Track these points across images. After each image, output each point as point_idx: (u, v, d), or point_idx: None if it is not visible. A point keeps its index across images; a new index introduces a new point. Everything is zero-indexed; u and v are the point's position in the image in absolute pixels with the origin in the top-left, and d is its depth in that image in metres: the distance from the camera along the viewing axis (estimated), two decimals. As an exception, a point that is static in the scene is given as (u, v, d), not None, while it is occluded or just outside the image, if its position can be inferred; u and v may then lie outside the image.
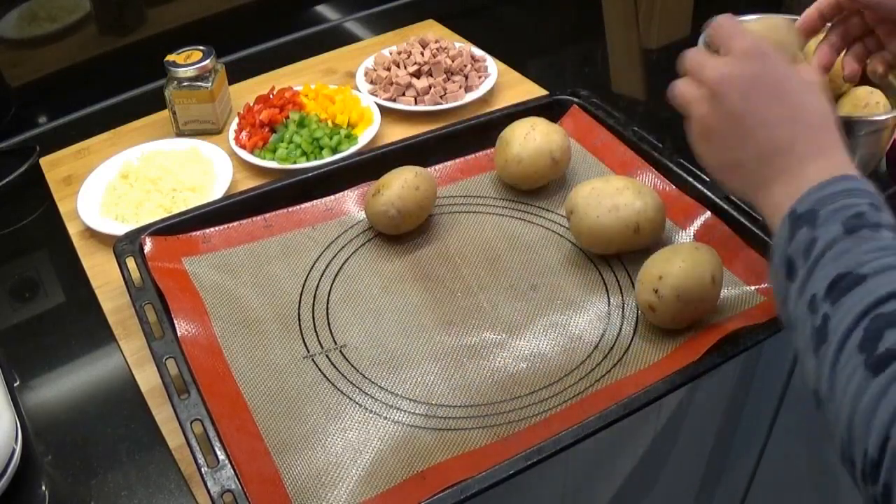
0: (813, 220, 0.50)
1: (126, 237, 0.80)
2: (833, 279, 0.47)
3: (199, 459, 0.61)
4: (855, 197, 0.51)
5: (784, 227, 0.52)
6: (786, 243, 0.51)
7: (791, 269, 0.51)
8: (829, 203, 0.50)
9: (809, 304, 0.48)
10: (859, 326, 0.45)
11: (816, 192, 0.51)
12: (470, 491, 0.59)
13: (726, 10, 0.98)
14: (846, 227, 0.49)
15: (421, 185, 0.83)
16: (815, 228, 0.50)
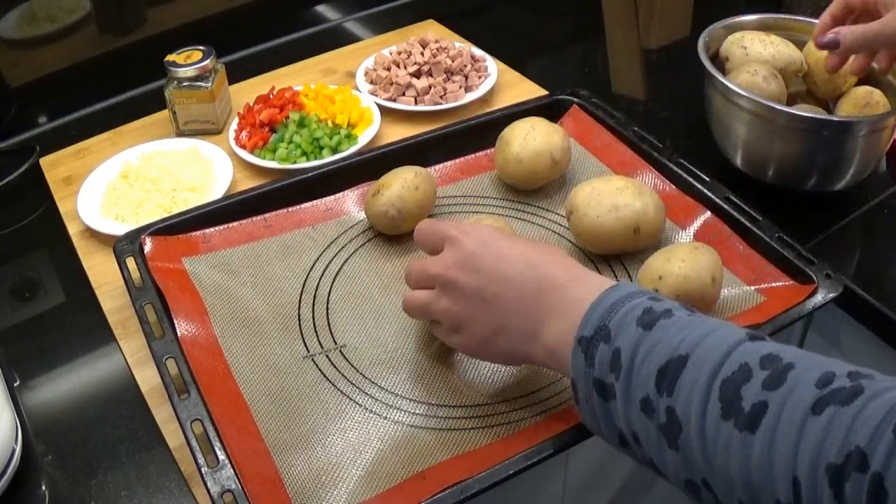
0: (606, 335, 0.51)
1: (126, 237, 0.80)
2: (658, 374, 0.48)
3: (199, 459, 0.61)
4: (633, 299, 0.52)
5: (577, 355, 0.52)
6: (587, 369, 0.52)
7: (603, 389, 0.51)
8: (612, 314, 0.51)
9: (643, 408, 0.48)
10: (711, 399, 0.45)
11: (596, 310, 0.52)
12: (470, 491, 0.59)
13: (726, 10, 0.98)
14: (643, 326, 0.50)
15: (421, 185, 0.83)
16: (611, 341, 0.50)
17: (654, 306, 0.51)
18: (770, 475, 0.42)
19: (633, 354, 0.49)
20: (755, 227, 0.79)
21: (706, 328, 0.49)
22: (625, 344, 0.50)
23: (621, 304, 0.52)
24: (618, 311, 0.51)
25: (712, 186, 0.84)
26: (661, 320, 0.50)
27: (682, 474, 0.48)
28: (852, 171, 0.87)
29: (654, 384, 0.48)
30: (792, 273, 0.75)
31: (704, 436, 0.45)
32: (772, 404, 0.43)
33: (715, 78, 0.87)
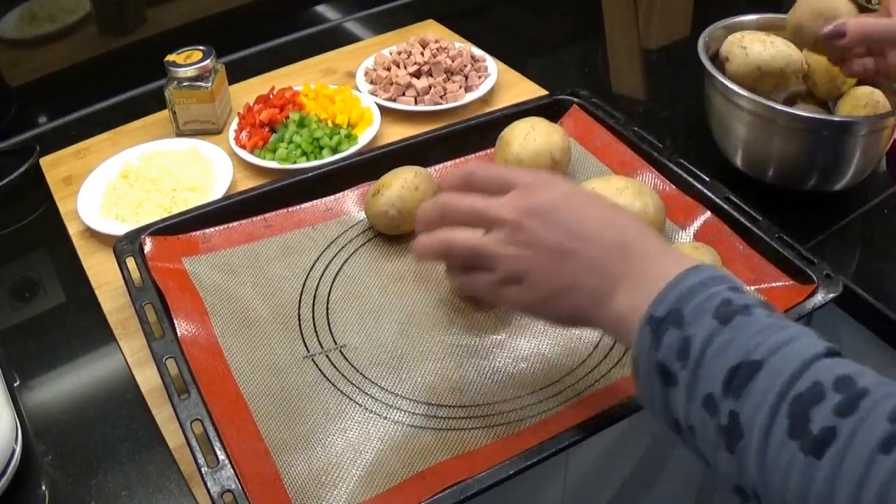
0: (679, 320, 0.48)
1: (126, 237, 0.80)
2: (727, 373, 0.46)
3: (199, 459, 0.61)
4: (714, 286, 0.49)
5: (644, 334, 0.49)
6: (651, 350, 0.49)
7: (667, 375, 0.48)
8: (689, 299, 0.49)
9: (705, 405, 0.46)
10: (780, 414, 0.43)
11: (672, 291, 0.49)
12: (470, 491, 0.59)
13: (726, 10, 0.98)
14: (719, 318, 0.47)
15: (421, 185, 0.83)
16: (684, 328, 0.48)
17: (734, 298, 0.48)
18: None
19: (704, 347, 0.47)
20: (755, 227, 0.79)
21: (785, 335, 0.46)
22: (697, 334, 0.47)
23: (700, 290, 0.49)
24: (696, 295, 0.49)
25: (712, 186, 0.84)
26: (739, 316, 0.47)
27: (733, 479, 0.46)
28: (852, 171, 0.87)
29: (722, 384, 0.46)
30: (792, 273, 0.75)
31: (766, 450, 0.43)
32: (841, 433, 0.41)
33: (715, 78, 0.87)
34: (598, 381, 0.70)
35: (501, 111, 0.96)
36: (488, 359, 0.73)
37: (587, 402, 0.68)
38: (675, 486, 1.06)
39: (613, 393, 0.68)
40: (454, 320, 0.76)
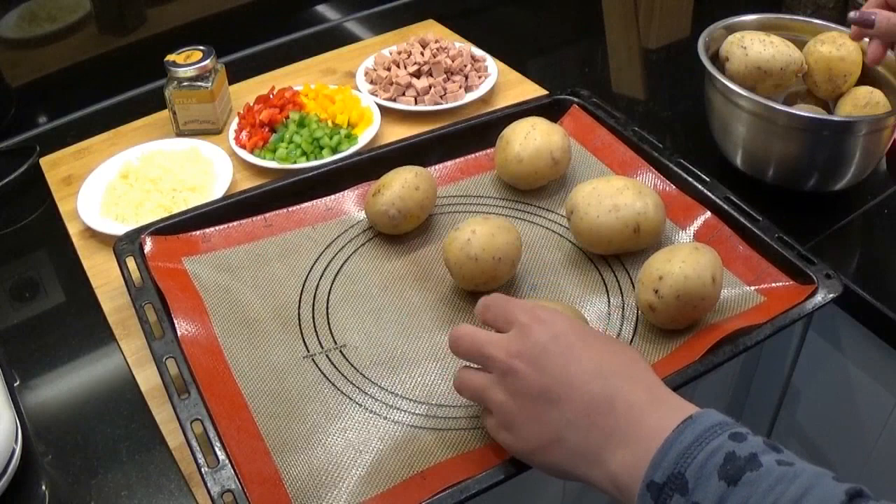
0: (682, 486, 0.45)
1: (126, 237, 0.80)
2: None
3: (199, 459, 0.61)
4: (712, 439, 0.46)
5: (645, 502, 0.46)
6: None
7: None
8: (689, 460, 0.45)
9: None
10: None
11: (669, 452, 0.46)
12: (470, 491, 0.59)
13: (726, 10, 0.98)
14: (726, 479, 0.44)
15: (421, 185, 0.83)
16: (689, 495, 0.44)
17: (737, 450, 0.45)
18: None
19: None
20: (755, 228, 0.79)
21: (800, 486, 0.43)
22: (705, 500, 0.44)
23: (699, 447, 0.46)
24: (695, 455, 0.45)
25: (712, 186, 0.84)
26: (747, 473, 0.44)
27: None
28: (852, 171, 0.87)
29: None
30: (792, 273, 0.75)
31: None
32: None
33: (715, 78, 0.87)
34: (598, 381, 0.70)
35: (501, 111, 0.96)
36: (488, 359, 0.72)
37: (587, 402, 0.68)
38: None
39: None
40: (454, 320, 0.76)
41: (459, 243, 0.75)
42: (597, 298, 0.78)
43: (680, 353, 0.71)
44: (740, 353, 0.69)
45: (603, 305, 0.77)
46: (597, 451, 0.50)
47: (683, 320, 0.72)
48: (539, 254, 0.83)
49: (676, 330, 0.73)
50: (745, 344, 0.69)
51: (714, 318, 0.74)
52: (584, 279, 0.80)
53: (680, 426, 0.47)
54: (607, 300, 0.78)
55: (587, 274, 0.81)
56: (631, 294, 0.78)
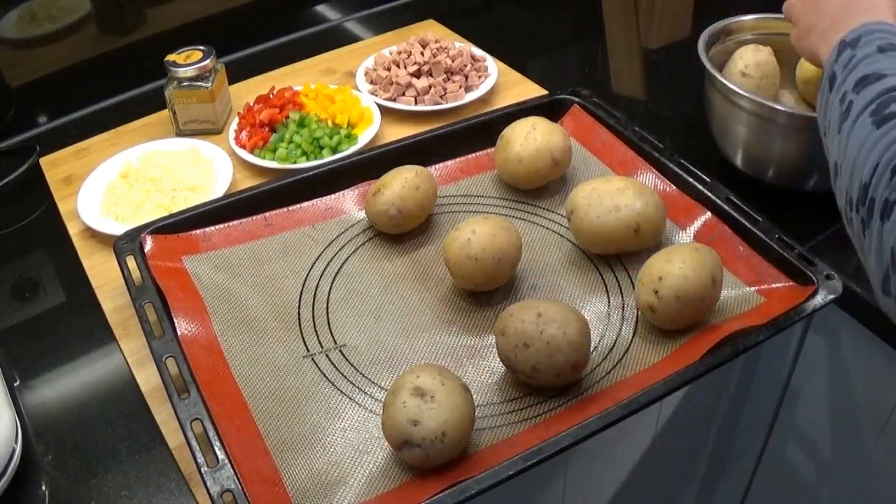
0: (855, 44, 0.61)
1: (126, 236, 0.80)
2: (860, 78, 0.59)
3: (199, 459, 0.61)
4: (892, 34, 0.61)
5: (833, 52, 0.63)
6: (832, 62, 0.63)
7: (833, 80, 0.62)
8: (870, 34, 0.61)
9: (841, 98, 0.60)
10: (874, 103, 0.56)
11: (862, 28, 0.63)
12: (470, 491, 0.59)
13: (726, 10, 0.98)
14: (879, 48, 0.60)
15: (421, 185, 0.83)
16: (855, 49, 0.61)
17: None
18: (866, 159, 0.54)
19: (859, 61, 0.60)
20: (755, 228, 0.79)
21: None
22: (861, 53, 0.60)
23: (880, 30, 0.61)
24: (874, 33, 0.61)
25: (712, 186, 0.84)
26: (893, 52, 0.59)
27: (832, 156, 0.60)
28: (852, 172, 0.86)
29: (855, 83, 0.59)
30: (792, 274, 0.75)
31: (855, 124, 0.56)
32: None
33: (715, 78, 0.87)
34: (597, 383, 0.70)
35: (501, 111, 0.96)
36: (488, 359, 0.73)
37: (587, 402, 0.68)
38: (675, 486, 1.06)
39: (613, 394, 0.68)
40: (454, 320, 0.76)
41: (459, 243, 0.75)
42: (597, 298, 0.78)
43: (680, 354, 0.71)
44: (740, 354, 0.69)
45: (603, 305, 0.77)
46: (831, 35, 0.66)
47: (683, 321, 0.72)
48: (539, 254, 0.83)
49: (676, 330, 0.73)
50: (745, 344, 0.69)
51: (714, 318, 0.74)
52: (584, 279, 0.80)
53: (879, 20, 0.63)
54: (607, 300, 0.78)
55: (587, 274, 0.81)
56: (631, 294, 0.78)
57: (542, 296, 0.79)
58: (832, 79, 0.63)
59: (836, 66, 0.63)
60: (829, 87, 0.63)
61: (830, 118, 0.61)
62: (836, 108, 0.61)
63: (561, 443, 0.62)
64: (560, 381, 0.68)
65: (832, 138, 0.61)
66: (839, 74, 0.62)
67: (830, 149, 0.61)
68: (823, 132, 0.63)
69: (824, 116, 0.63)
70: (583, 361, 0.68)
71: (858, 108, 0.57)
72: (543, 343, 0.66)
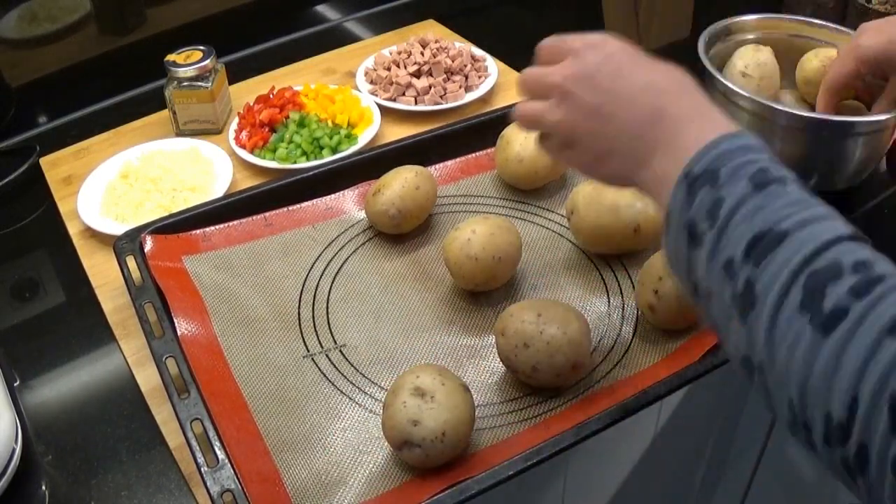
0: (714, 179, 0.48)
1: (126, 235, 0.80)
2: (751, 239, 0.45)
3: (199, 459, 0.61)
4: (753, 153, 0.49)
5: (679, 190, 0.50)
6: (684, 207, 0.49)
7: (694, 233, 0.49)
8: (728, 160, 0.48)
9: (725, 268, 0.46)
10: (795, 286, 0.43)
11: (711, 151, 0.49)
12: (470, 491, 0.59)
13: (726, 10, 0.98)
14: (754, 183, 0.47)
15: (421, 185, 0.83)
16: (718, 188, 0.48)
17: (772, 169, 0.48)
18: (829, 385, 0.41)
19: (734, 210, 0.47)
20: (755, 227, 0.79)
21: (816, 212, 0.46)
22: (730, 195, 0.47)
23: (740, 154, 0.49)
24: (734, 159, 0.48)
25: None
26: (774, 185, 0.47)
27: (741, 350, 0.46)
28: (852, 171, 0.87)
29: (744, 249, 0.46)
30: (792, 273, 0.75)
31: (776, 321, 0.43)
32: (852, 313, 0.41)
33: (715, 78, 0.87)
34: (597, 383, 0.70)
35: (501, 111, 0.96)
36: (488, 359, 0.73)
37: (587, 402, 0.68)
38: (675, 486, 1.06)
39: (613, 394, 0.68)
40: (454, 320, 0.76)
41: (459, 243, 0.75)
42: (597, 298, 0.78)
43: (680, 354, 0.71)
44: (740, 353, 0.69)
45: (603, 305, 0.77)
46: (645, 157, 0.54)
47: (683, 321, 0.72)
48: (539, 254, 0.83)
49: (676, 331, 0.73)
50: (745, 344, 0.69)
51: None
52: (584, 279, 0.80)
53: (726, 135, 0.50)
54: (607, 300, 0.78)
55: (587, 274, 0.81)
56: (631, 294, 0.78)
57: (542, 296, 0.79)
58: (691, 230, 0.48)
59: (694, 213, 0.48)
60: (688, 240, 0.49)
61: (710, 289, 0.48)
62: (717, 278, 0.47)
63: (561, 443, 0.62)
64: (560, 381, 0.68)
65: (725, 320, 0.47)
66: (704, 226, 0.48)
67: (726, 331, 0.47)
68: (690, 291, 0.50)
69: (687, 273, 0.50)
70: (583, 361, 0.68)
71: (773, 296, 0.43)
72: (543, 343, 0.66)
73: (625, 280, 0.79)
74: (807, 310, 0.42)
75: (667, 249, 0.52)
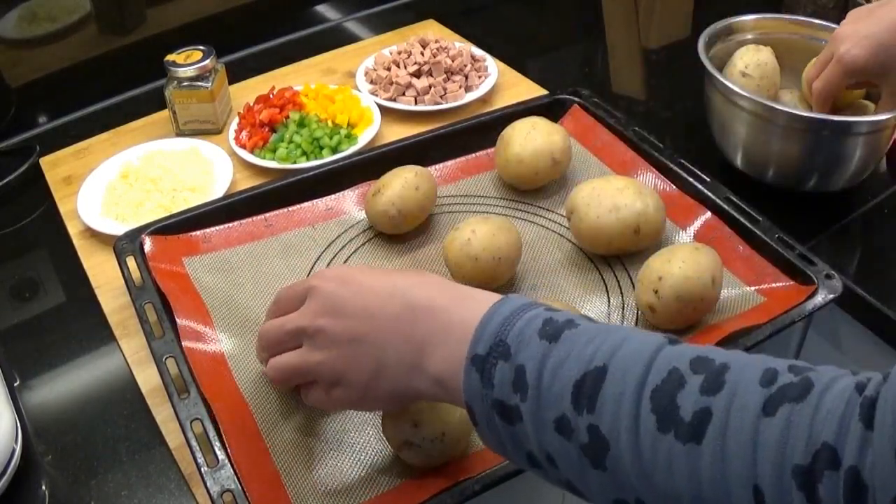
0: (506, 352, 0.46)
1: (126, 236, 0.80)
2: (573, 390, 0.43)
3: (199, 459, 0.61)
4: (529, 311, 0.47)
5: (471, 377, 0.47)
6: (483, 391, 0.47)
7: (505, 411, 0.46)
8: (509, 328, 0.47)
9: (558, 429, 0.44)
10: (642, 413, 0.41)
11: (487, 327, 0.47)
12: (470, 491, 0.59)
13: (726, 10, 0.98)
14: (547, 338, 0.45)
15: (421, 185, 0.83)
16: (512, 358, 0.46)
17: (555, 316, 0.47)
18: (725, 487, 0.39)
19: (539, 371, 0.45)
20: (755, 228, 0.79)
21: (618, 336, 0.45)
22: (529, 360, 0.45)
23: (517, 317, 0.47)
24: (514, 324, 0.47)
25: (712, 186, 0.84)
26: (566, 331, 0.46)
27: (609, 495, 0.44)
28: (852, 171, 0.87)
29: (571, 401, 0.43)
30: (792, 274, 0.75)
31: (639, 452, 0.41)
32: (716, 410, 0.40)
33: (715, 78, 0.87)
34: (598, 381, 0.70)
35: (501, 111, 0.96)
36: (488, 359, 0.72)
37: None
38: None
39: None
40: (454, 320, 0.76)
41: (459, 243, 0.75)
42: (597, 298, 0.78)
43: (680, 354, 0.71)
44: (740, 354, 0.69)
45: (603, 305, 0.77)
46: (415, 362, 0.51)
47: (683, 321, 0.72)
48: (539, 254, 0.83)
49: (676, 330, 0.73)
50: (744, 344, 0.69)
51: (714, 318, 0.74)
52: (584, 279, 0.80)
53: (494, 306, 0.48)
54: (607, 300, 0.78)
55: (587, 274, 0.81)
56: (631, 294, 0.78)
57: (542, 296, 0.79)
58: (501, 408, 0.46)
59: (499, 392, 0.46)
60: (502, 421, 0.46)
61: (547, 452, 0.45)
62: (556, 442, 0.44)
63: (561, 443, 0.62)
64: None
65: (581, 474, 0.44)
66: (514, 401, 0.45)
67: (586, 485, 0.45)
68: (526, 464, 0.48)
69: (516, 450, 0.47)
70: None
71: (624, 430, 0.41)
72: None
73: (625, 280, 0.79)
74: (666, 428, 0.41)
75: (483, 437, 0.49)
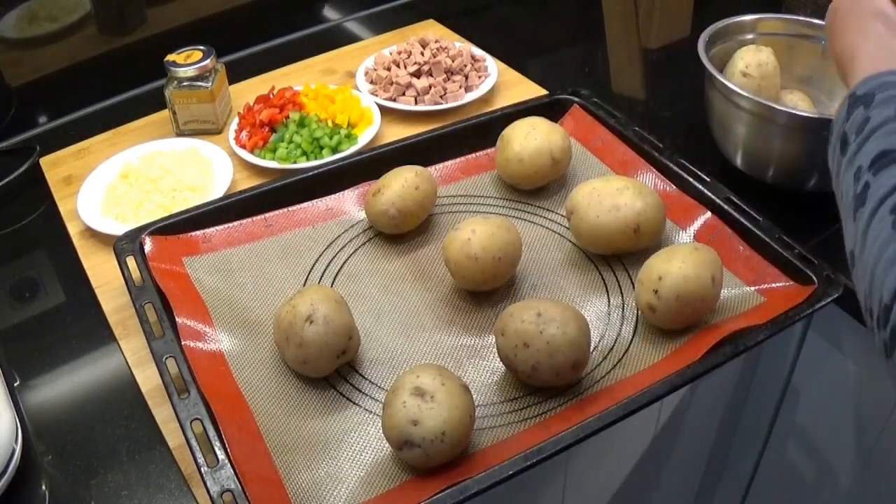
0: (868, 102, 0.56)
1: (126, 236, 0.80)
2: (878, 154, 0.53)
3: (199, 459, 0.61)
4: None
5: (843, 106, 0.58)
6: (843, 121, 0.58)
7: (845, 143, 0.57)
8: (885, 89, 0.56)
9: (855, 174, 0.54)
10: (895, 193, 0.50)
11: (875, 79, 0.57)
12: (470, 491, 0.59)
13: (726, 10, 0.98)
14: None
15: (421, 185, 0.83)
16: (869, 109, 0.56)
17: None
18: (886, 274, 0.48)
19: (875, 128, 0.54)
20: (755, 228, 0.79)
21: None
22: (876, 117, 0.55)
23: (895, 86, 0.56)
24: (890, 89, 0.56)
25: (712, 186, 0.84)
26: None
27: (850, 244, 0.54)
28: (852, 171, 0.86)
29: (871, 160, 0.53)
30: (792, 274, 0.75)
31: (873, 219, 0.51)
32: None
33: (715, 78, 0.87)
34: (597, 382, 0.70)
35: (501, 111, 0.96)
36: (488, 359, 0.73)
37: (587, 402, 0.68)
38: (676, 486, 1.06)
39: (613, 394, 0.68)
40: (454, 320, 0.76)
41: (459, 243, 0.75)
42: (597, 298, 0.78)
43: (680, 354, 0.71)
44: (740, 354, 0.69)
45: (603, 305, 0.77)
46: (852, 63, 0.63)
47: (683, 321, 0.72)
48: (539, 254, 0.83)
49: (676, 330, 0.73)
50: (745, 344, 0.69)
51: (714, 318, 0.74)
52: (584, 279, 0.80)
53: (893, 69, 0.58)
54: (607, 300, 0.78)
55: (587, 274, 0.81)
56: (631, 294, 0.78)
57: (542, 296, 0.79)
58: (843, 140, 0.57)
59: (848, 127, 0.57)
60: (840, 149, 0.58)
61: (844, 190, 0.56)
62: (849, 181, 0.55)
63: (561, 442, 0.62)
64: (560, 381, 0.68)
65: (846, 218, 0.55)
66: (852, 138, 0.56)
67: (846, 227, 0.55)
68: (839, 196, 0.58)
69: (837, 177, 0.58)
70: (583, 361, 0.68)
71: (877, 196, 0.51)
72: (543, 343, 0.66)
73: (625, 280, 0.79)
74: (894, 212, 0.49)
75: (829, 156, 0.61)
